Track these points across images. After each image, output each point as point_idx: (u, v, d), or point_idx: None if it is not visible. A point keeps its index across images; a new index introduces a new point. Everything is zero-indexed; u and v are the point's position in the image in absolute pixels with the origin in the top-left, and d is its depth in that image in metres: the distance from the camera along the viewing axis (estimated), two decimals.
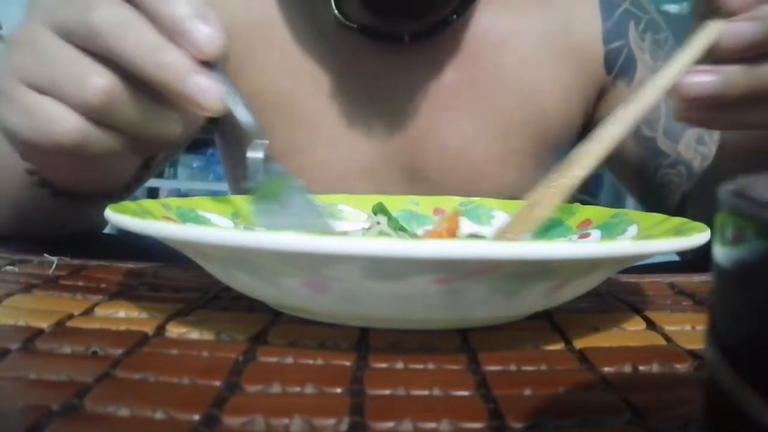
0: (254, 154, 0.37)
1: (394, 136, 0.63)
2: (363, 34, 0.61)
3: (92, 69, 0.33)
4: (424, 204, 0.47)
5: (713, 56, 0.36)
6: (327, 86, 0.63)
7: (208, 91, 0.33)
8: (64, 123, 0.34)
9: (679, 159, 0.63)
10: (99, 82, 0.33)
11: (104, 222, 0.59)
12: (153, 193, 2.83)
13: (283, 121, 0.63)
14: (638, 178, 0.66)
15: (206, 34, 0.33)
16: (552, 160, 0.66)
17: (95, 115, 0.34)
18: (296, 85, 0.63)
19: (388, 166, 0.63)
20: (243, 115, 0.36)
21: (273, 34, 0.64)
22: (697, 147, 0.62)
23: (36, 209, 0.47)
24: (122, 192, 0.47)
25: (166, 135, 0.37)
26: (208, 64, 0.34)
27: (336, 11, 0.61)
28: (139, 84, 0.34)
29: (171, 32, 0.33)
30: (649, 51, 0.65)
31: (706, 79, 0.36)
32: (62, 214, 0.47)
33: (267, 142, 0.37)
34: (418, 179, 0.63)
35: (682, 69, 0.36)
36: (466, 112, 0.63)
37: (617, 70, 0.65)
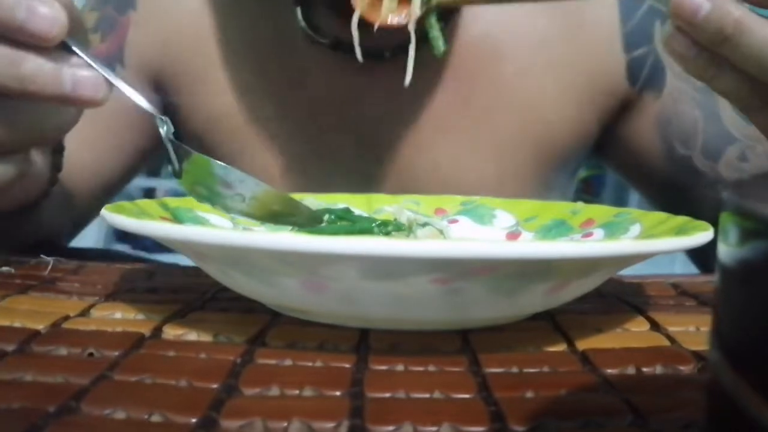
0: (164, 133, 0.34)
1: (375, 165, 0.57)
2: (336, 50, 0.53)
3: None
4: (425, 203, 0.46)
5: None
6: (295, 109, 0.56)
7: (87, 84, 0.31)
8: None
9: (719, 179, 0.55)
10: None
11: (58, 226, 0.55)
12: (150, 193, 2.83)
13: (246, 148, 0.57)
14: (669, 198, 0.59)
15: (43, 16, 0.30)
16: (556, 175, 0.61)
17: None
18: (261, 108, 0.57)
19: (368, 191, 0.53)
20: (130, 93, 0.33)
21: (231, 52, 0.57)
22: (739, 164, 0.55)
23: None
24: (48, 186, 0.43)
25: (60, 124, 0.35)
26: (66, 48, 0.32)
27: (303, 23, 0.53)
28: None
29: (6, 31, 0.30)
30: None
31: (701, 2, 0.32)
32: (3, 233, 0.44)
33: (166, 118, 0.34)
34: None
35: None
36: (457, 133, 0.56)
37: (643, 81, 0.57)
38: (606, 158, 0.64)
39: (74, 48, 0.32)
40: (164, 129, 0.34)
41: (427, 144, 0.56)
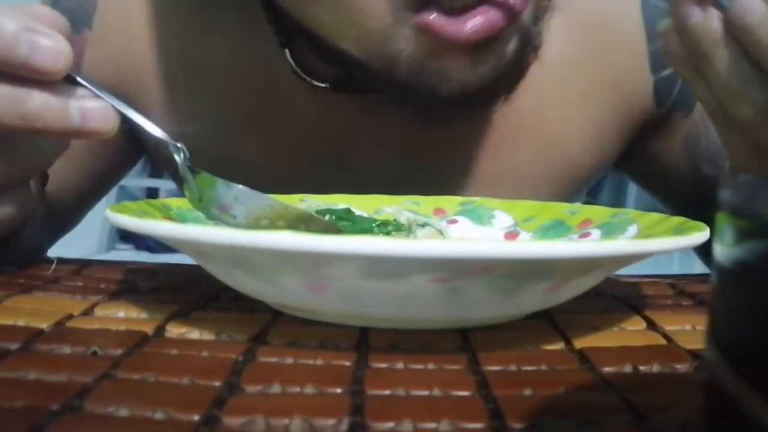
0: (179, 160, 0.33)
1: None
2: (338, 92, 0.49)
3: None
4: (425, 204, 0.47)
5: None
6: (282, 142, 0.51)
7: (96, 115, 0.30)
8: None
9: None
10: None
11: (40, 240, 0.51)
12: (153, 194, 2.82)
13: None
14: (688, 209, 0.53)
15: (46, 49, 0.29)
16: (572, 200, 0.55)
17: None
18: (241, 139, 0.52)
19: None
20: (144, 123, 0.32)
21: (207, 78, 0.51)
22: None
23: None
24: (36, 204, 0.40)
25: (54, 153, 0.34)
26: (70, 78, 0.30)
27: (294, 65, 0.48)
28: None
29: (8, 67, 0.29)
30: None
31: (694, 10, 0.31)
32: None
33: (181, 145, 0.33)
34: None
35: None
36: (469, 172, 0.52)
37: (672, 102, 0.53)
38: (627, 171, 0.62)
39: (77, 78, 0.31)
40: (180, 156, 0.33)
41: (433, 181, 0.51)
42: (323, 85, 0.48)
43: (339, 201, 0.45)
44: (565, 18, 0.50)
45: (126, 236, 2.56)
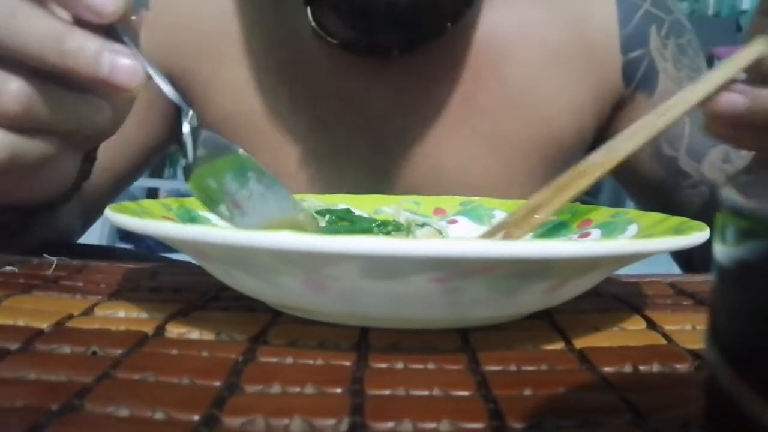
0: (185, 127, 0.33)
1: (384, 160, 0.59)
2: (346, 50, 0.56)
3: (2, 77, 0.31)
4: (425, 204, 0.47)
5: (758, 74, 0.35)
6: (307, 106, 0.58)
7: (124, 70, 0.31)
8: None
9: (702, 179, 0.58)
10: (12, 88, 0.31)
11: (72, 229, 0.57)
12: (153, 194, 2.83)
13: (259, 145, 0.58)
14: (655, 198, 0.61)
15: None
16: (558, 174, 0.61)
17: (17, 123, 0.32)
18: (272, 106, 0.58)
19: (380, 188, 0.58)
20: (164, 86, 0.33)
21: (243, 51, 0.58)
22: (722, 166, 0.57)
23: None
24: (70, 192, 0.43)
25: (97, 124, 0.35)
26: (114, 34, 0.31)
27: (314, 23, 0.55)
28: (55, 78, 0.32)
29: (62, 2, 0.31)
30: (672, 59, 0.58)
31: (736, 99, 0.35)
32: (21, 228, 0.43)
33: (193, 112, 0.34)
34: None
35: (713, 87, 0.35)
36: (463, 131, 0.58)
37: (637, 82, 0.59)
38: None
39: (121, 35, 0.32)
40: (189, 126, 0.33)
41: (433, 138, 0.57)
42: (334, 41, 0.55)
43: (339, 201, 0.45)
44: (547, 2, 0.58)
45: (126, 236, 2.56)
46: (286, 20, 0.58)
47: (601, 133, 0.61)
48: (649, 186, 0.61)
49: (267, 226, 0.33)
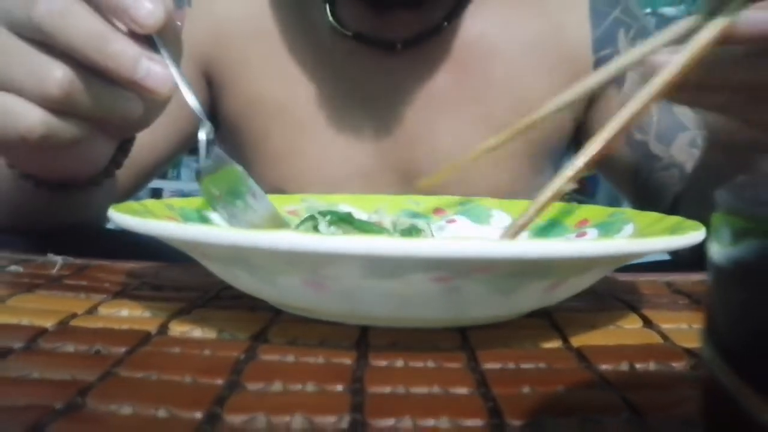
0: (202, 136, 0.38)
1: (387, 140, 0.65)
2: (357, 41, 0.63)
3: (48, 62, 0.34)
4: (425, 204, 0.47)
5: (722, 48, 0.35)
6: (322, 92, 0.65)
7: (157, 77, 0.34)
8: (27, 118, 0.35)
9: (672, 162, 0.63)
10: (57, 74, 0.34)
11: (103, 214, 0.59)
12: (157, 194, 2.83)
13: (279, 127, 0.65)
14: (632, 182, 0.67)
15: (146, 8, 0.33)
16: (546, 162, 0.69)
17: (57, 106, 0.35)
18: (292, 91, 0.65)
19: (382, 168, 0.65)
20: (189, 98, 0.37)
21: (269, 42, 0.66)
22: (690, 149, 0.62)
23: (23, 201, 0.47)
24: (102, 177, 0.46)
25: (129, 116, 0.38)
26: (152, 42, 0.35)
27: (331, 18, 0.63)
28: (95, 71, 0.35)
29: (110, 10, 0.34)
30: None
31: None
32: (50, 205, 0.47)
33: (210, 125, 0.38)
34: (412, 181, 0.64)
35: (674, 72, 0.35)
36: (457, 115, 0.65)
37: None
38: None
39: (159, 46, 0.35)
40: (205, 135, 0.38)
41: (429, 121, 0.65)
42: (348, 33, 0.63)
43: (340, 201, 0.45)
44: (529, 7, 0.66)
45: None
46: (307, 16, 0.65)
47: (579, 125, 0.69)
48: (626, 171, 0.66)
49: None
